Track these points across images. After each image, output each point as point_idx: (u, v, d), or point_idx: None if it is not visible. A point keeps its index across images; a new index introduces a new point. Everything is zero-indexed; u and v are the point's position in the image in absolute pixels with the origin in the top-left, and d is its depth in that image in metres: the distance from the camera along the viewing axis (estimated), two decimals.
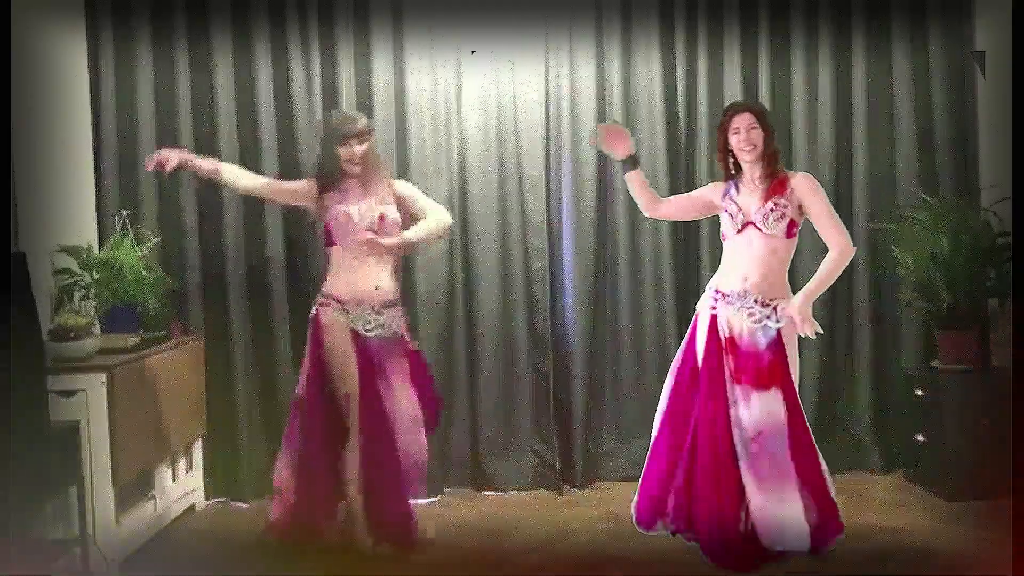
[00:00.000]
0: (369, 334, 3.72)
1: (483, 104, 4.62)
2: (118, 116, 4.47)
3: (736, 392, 3.51)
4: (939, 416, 4.27)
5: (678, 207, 3.92)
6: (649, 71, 4.65)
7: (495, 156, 4.63)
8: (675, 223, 4.65)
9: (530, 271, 4.65)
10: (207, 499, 4.50)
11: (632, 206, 4.63)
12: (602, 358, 4.74)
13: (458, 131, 4.63)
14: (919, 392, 4.40)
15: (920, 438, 4.37)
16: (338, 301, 3.73)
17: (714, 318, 3.60)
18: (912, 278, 4.42)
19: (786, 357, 3.51)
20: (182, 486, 4.28)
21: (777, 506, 3.44)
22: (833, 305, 4.71)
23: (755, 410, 3.47)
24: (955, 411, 4.23)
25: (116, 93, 4.46)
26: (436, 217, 3.85)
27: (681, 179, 4.69)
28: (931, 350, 4.56)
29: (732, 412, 3.50)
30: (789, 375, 3.51)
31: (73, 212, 4.26)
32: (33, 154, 3.88)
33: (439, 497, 4.54)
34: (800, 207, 3.55)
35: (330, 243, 3.81)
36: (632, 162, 3.76)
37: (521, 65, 4.62)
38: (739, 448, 3.48)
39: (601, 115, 4.64)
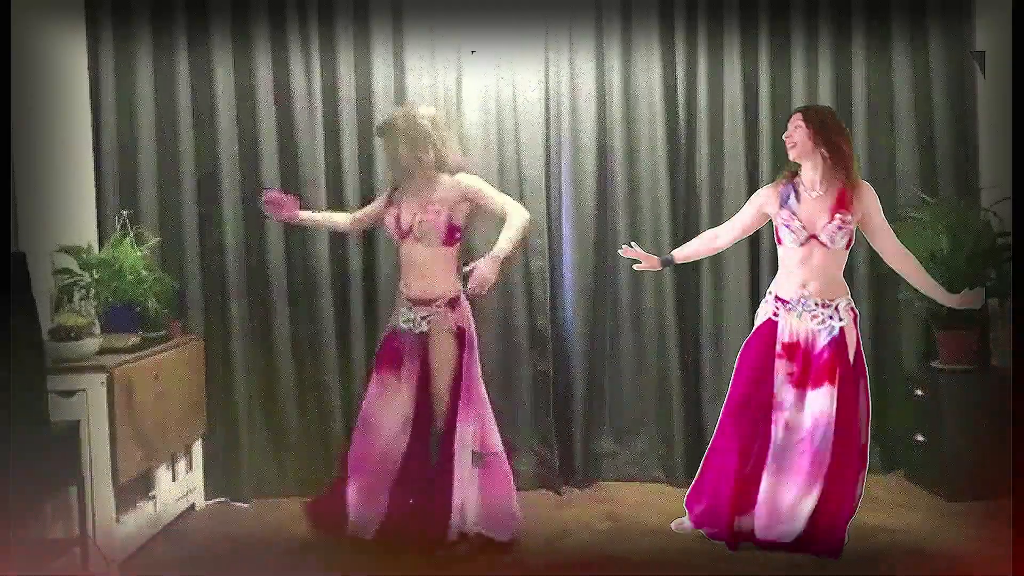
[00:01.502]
0: (405, 328, 3.82)
1: (483, 104, 4.62)
2: (118, 116, 4.47)
3: (791, 395, 3.59)
4: (939, 416, 4.27)
5: (736, 235, 3.90)
6: (649, 71, 4.65)
7: (495, 156, 4.63)
8: (674, 222, 4.65)
9: (530, 271, 4.65)
10: (207, 499, 4.50)
11: (632, 206, 4.67)
12: (602, 358, 4.73)
13: (458, 131, 4.62)
14: (919, 392, 4.40)
15: (920, 438, 4.37)
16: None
17: (773, 325, 3.68)
18: None
19: (845, 353, 3.55)
20: (182, 486, 4.28)
21: (794, 496, 3.54)
22: None
23: (810, 407, 3.56)
24: (955, 411, 4.23)
25: (116, 93, 4.46)
26: (515, 217, 3.74)
27: (681, 179, 4.69)
28: (931, 350, 4.56)
29: (777, 415, 3.59)
30: (848, 372, 3.54)
31: (73, 212, 4.26)
32: (33, 154, 3.87)
33: None
34: (862, 219, 3.62)
35: None
36: (669, 261, 3.90)
37: (521, 65, 4.62)
38: (778, 445, 3.58)
39: (601, 115, 4.64)
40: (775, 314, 3.69)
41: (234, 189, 4.53)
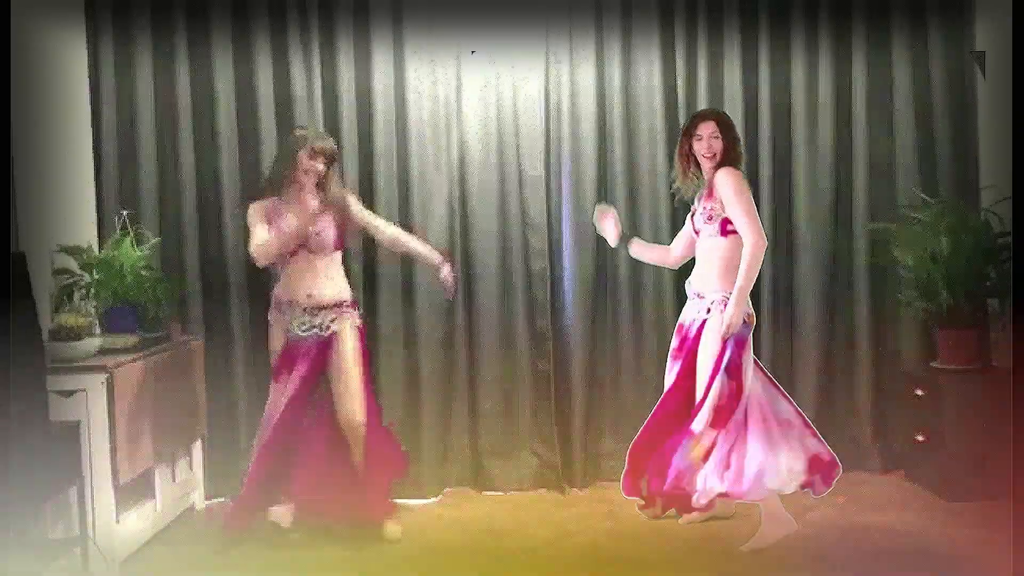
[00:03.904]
0: (303, 334, 3.91)
1: (483, 104, 4.62)
2: (118, 116, 4.47)
3: (674, 370, 3.85)
4: (939, 416, 4.27)
5: (686, 243, 4.00)
6: (649, 71, 4.65)
7: (495, 156, 4.63)
8: (674, 223, 4.64)
9: (530, 271, 4.65)
10: (207, 499, 4.50)
11: (632, 206, 4.67)
12: (602, 358, 4.73)
13: (458, 131, 4.63)
14: (919, 392, 4.40)
15: (920, 438, 4.37)
16: (278, 305, 3.97)
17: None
18: (912, 278, 4.42)
19: (696, 346, 3.71)
20: (182, 486, 4.28)
21: None
22: (833, 304, 4.71)
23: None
24: (955, 411, 4.23)
25: (116, 93, 4.47)
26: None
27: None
28: (931, 350, 4.56)
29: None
30: (694, 359, 3.71)
31: (73, 212, 4.26)
32: (33, 154, 3.87)
33: (439, 497, 4.54)
34: (722, 202, 3.70)
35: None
36: (625, 239, 4.05)
37: (521, 65, 4.62)
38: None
39: (601, 115, 4.64)
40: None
41: (234, 189, 4.53)
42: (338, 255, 4.00)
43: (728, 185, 3.65)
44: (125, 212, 4.28)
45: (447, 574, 3.59)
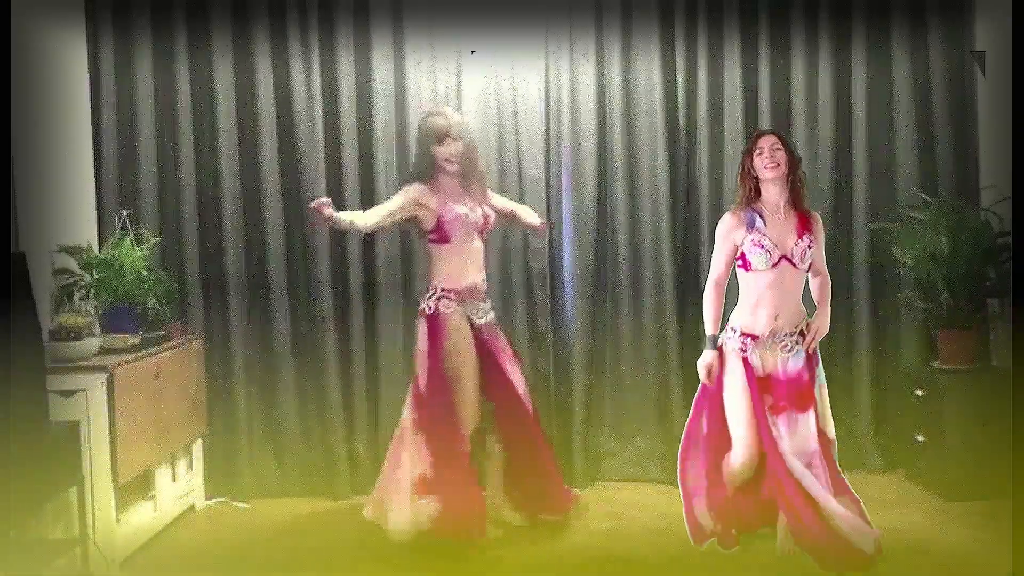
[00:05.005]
0: (480, 322, 3.92)
1: (483, 104, 4.62)
2: (118, 115, 4.48)
3: (780, 424, 3.45)
4: (939, 416, 4.27)
5: (724, 274, 3.63)
6: (649, 71, 4.65)
7: (495, 156, 4.63)
8: (674, 223, 4.66)
9: (530, 271, 4.65)
10: (207, 499, 4.50)
11: (632, 206, 4.67)
12: (602, 358, 4.73)
13: None
14: (919, 392, 4.40)
15: (920, 438, 4.37)
16: (456, 294, 3.85)
17: (745, 360, 3.49)
18: (912, 278, 4.43)
19: (815, 376, 3.52)
20: (182, 486, 4.28)
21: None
22: (833, 304, 4.70)
23: (802, 432, 3.43)
24: (955, 411, 4.23)
25: (116, 93, 4.47)
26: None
27: (681, 178, 4.69)
28: (931, 350, 4.56)
29: (781, 446, 3.41)
30: (815, 397, 3.50)
31: (73, 212, 4.26)
32: (33, 154, 3.88)
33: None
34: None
35: (443, 240, 3.84)
36: (715, 339, 3.60)
37: (521, 65, 4.62)
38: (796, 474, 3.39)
39: (601, 115, 4.65)
40: (743, 351, 3.50)
41: (234, 189, 4.53)
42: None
43: (823, 229, 3.62)
44: (125, 212, 4.28)
45: (447, 574, 3.58)
